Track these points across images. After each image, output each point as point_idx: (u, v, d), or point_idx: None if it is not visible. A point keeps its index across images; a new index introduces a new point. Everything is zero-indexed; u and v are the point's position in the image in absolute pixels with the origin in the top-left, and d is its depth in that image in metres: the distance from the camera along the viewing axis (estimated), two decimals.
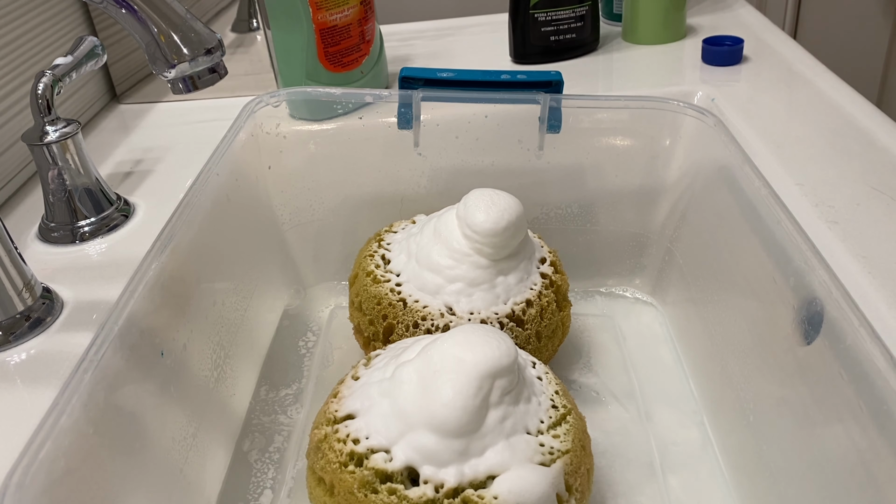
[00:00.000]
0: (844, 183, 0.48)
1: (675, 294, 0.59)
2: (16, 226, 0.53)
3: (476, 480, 0.37)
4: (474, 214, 0.49)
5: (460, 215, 0.50)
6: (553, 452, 0.39)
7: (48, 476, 0.32)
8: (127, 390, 0.39)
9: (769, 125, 0.56)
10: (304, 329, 0.62)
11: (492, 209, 0.48)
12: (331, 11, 0.61)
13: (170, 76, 0.40)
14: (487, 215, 0.48)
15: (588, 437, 0.42)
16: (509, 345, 0.39)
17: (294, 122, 0.62)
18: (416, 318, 0.48)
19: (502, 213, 0.48)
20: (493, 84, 0.56)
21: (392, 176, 0.62)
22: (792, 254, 0.41)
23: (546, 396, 0.41)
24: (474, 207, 0.49)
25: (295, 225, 0.64)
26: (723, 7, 0.81)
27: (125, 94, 0.73)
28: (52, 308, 0.43)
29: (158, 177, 0.58)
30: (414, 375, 0.39)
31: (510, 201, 0.49)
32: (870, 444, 0.33)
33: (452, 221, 0.50)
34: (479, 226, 0.48)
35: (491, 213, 0.48)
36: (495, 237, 0.48)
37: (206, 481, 0.47)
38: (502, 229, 0.48)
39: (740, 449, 0.47)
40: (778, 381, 0.42)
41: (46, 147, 0.48)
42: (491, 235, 0.48)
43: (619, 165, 0.60)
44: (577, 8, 0.70)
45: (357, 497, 0.37)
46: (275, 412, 0.54)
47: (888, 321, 0.37)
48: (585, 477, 0.40)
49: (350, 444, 0.39)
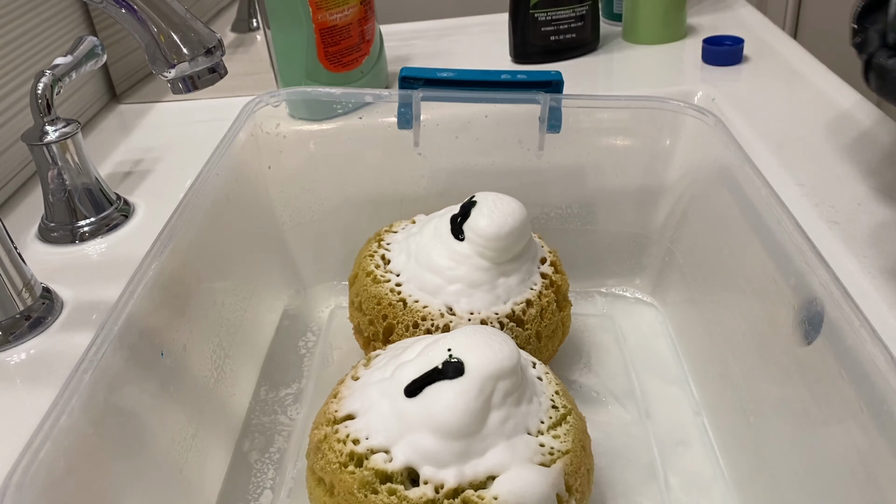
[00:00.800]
0: (844, 183, 0.48)
1: (675, 294, 0.59)
2: (16, 226, 0.53)
3: (476, 481, 0.37)
4: (477, 218, 0.49)
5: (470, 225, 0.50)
6: (553, 453, 0.39)
7: (48, 476, 0.32)
8: (127, 390, 0.39)
9: (769, 125, 0.56)
10: (304, 329, 0.62)
11: (495, 213, 0.48)
12: (331, 11, 0.61)
13: (170, 76, 0.40)
14: (491, 220, 0.48)
15: (588, 438, 0.42)
16: (512, 347, 0.39)
17: (294, 122, 0.62)
18: (416, 318, 0.48)
19: (506, 217, 0.48)
20: (493, 84, 0.55)
21: (392, 176, 0.62)
22: (792, 254, 0.41)
23: (546, 397, 0.41)
24: (477, 211, 0.49)
25: (295, 225, 0.64)
26: (723, 7, 0.81)
27: (125, 94, 0.73)
28: (52, 308, 0.43)
29: (158, 177, 0.58)
30: (414, 376, 0.39)
31: (514, 206, 0.49)
32: (870, 445, 0.33)
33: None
34: (482, 230, 0.48)
35: (494, 218, 0.48)
36: (498, 241, 0.48)
37: (206, 481, 0.47)
38: (505, 234, 0.48)
39: (740, 449, 0.47)
40: (778, 381, 0.42)
41: (46, 147, 0.48)
42: (494, 240, 0.48)
43: (619, 165, 0.60)
44: (577, 8, 0.70)
45: (357, 497, 0.37)
46: (275, 412, 0.54)
47: (888, 321, 0.37)
48: (586, 477, 0.40)
49: (350, 444, 0.39)
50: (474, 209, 0.49)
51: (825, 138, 0.53)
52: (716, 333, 0.51)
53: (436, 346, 0.40)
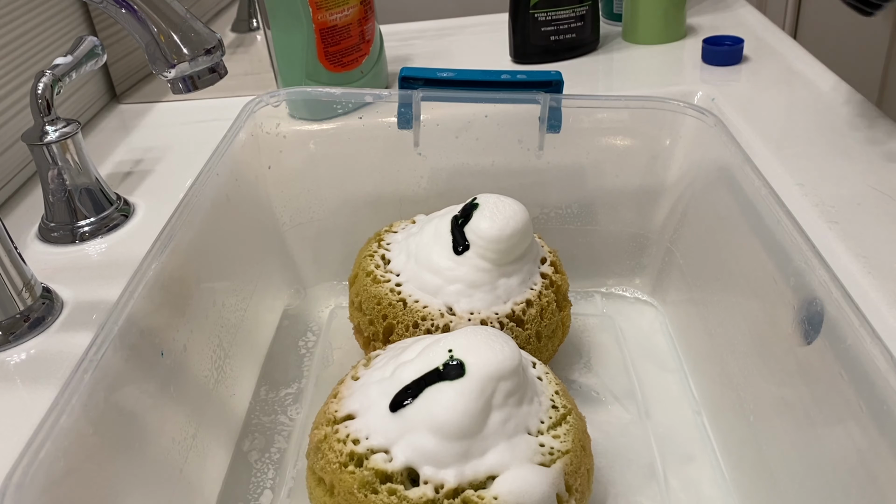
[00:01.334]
0: (844, 183, 0.48)
1: (675, 294, 0.59)
2: (16, 226, 0.53)
3: (476, 481, 0.37)
4: (479, 221, 0.49)
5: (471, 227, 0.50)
6: (553, 453, 0.39)
7: (48, 476, 0.32)
8: (127, 390, 0.39)
9: (769, 125, 0.56)
10: (304, 329, 0.62)
11: (497, 216, 0.48)
12: (331, 11, 0.61)
13: (170, 76, 0.40)
14: (493, 222, 0.48)
15: (588, 438, 0.42)
16: (513, 348, 0.39)
17: (294, 122, 0.62)
18: (416, 319, 0.48)
19: (508, 220, 0.48)
20: (493, 84, 0.56)
21: (392, 176, 0.62)
22: (792, 254, 0.41)
23: (546, 397, 0.41)
24: (479, 213, 0.49)
25: (295, 225, 0.64)
26: (723, 7, 0.81)
27: (125, 94, 0.73)
28: (52, 308, 0.43)
29: (158, 177, 0.58)
30: (414, 376, 0.39)
31: (516, 208, 0.49)
32: (870, 444, 0.33)
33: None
34: (484, 232, 0.48)
35: (496, 220, 0.48)
36: (500, 244, 0.48)
37: (206, 481, 0.47)
38: (507, 237, 0.48)
39: (740, 449, 0.47)
40: (778, 381, 0.42)
41: (46, 147, 0.48)
42: (496, 242, 0.48)
43: (619, 165, 0.60)
44: (577, 8, 0.70)
45: (357, 497, 0.37)
46: (275, 412, 0.54)
47: (888, 321, 0.37)
48: (585, 477, 0.40)
49: (350, 444, 0.39)
50: (476, 211, 0.49)
51: (825, 138, 0.53)
52: (715, 333, 0.51)
53: (436, 346, 0.40)
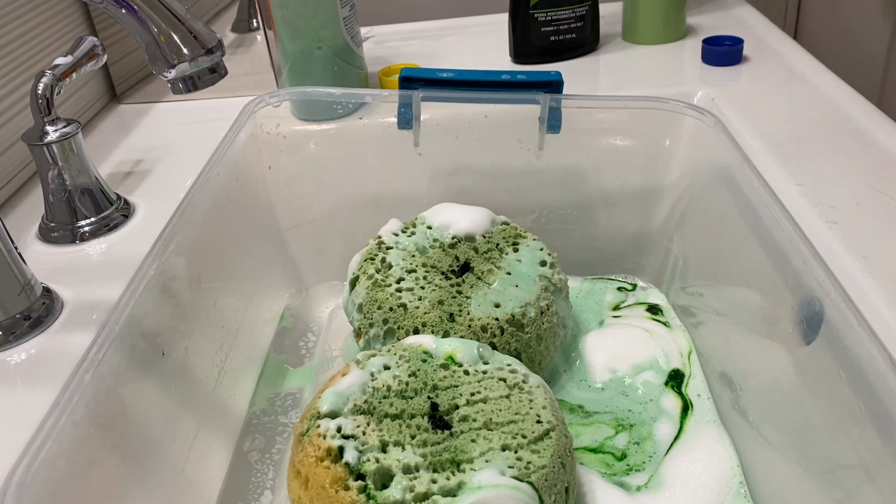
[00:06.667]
0: (844, 183, 0.48)
1: (674, 294, 0.59)
2: (16, 226, 0.53)
3: (447, 487, 0.37)
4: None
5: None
6: (529, 467, 0.39)
7: (49, 476, 0.32)
8: (128, 390, 0.39)
9: (769, 125, 0.56)
10: (304, 329, 0.62)
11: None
12: None
13: (170, 76, 0.40)
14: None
15: (571, 456, 0.42)
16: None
17: (294, 122, 0.62)
18: (417, 324, 0.48)
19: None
20: (493, 84, 0.56)
21: (392, 176, 0.62)
22: (791, 254, 0.41)
23: (533, 412, 0.41)
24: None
25: (295, 225, 0.64)
26: (723, 7, 0.81)
27: (125, 94, 0.73)
28: (52, 308, 0.43)
29: (158, 177, 0.58)
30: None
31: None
32: (869, 445, 0.33)
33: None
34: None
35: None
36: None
37: (206, 481, 0.47)
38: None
39: (740, 449, 0.47)
40: (777, 381, 0.42)
41: (46, 147, 0.48)
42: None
43: (619, 165, 0.60)
44: (577, 8, 0.70)
45: (328, 492, 0.37)
46: (275, 412, 0.54)
47: (888, 321, 0.37)
48: (562, 495, 0.40)
49: (329, 439, 0.39)
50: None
51: (825, 138, 0.53)
52: (714, 333, 0.51)
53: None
